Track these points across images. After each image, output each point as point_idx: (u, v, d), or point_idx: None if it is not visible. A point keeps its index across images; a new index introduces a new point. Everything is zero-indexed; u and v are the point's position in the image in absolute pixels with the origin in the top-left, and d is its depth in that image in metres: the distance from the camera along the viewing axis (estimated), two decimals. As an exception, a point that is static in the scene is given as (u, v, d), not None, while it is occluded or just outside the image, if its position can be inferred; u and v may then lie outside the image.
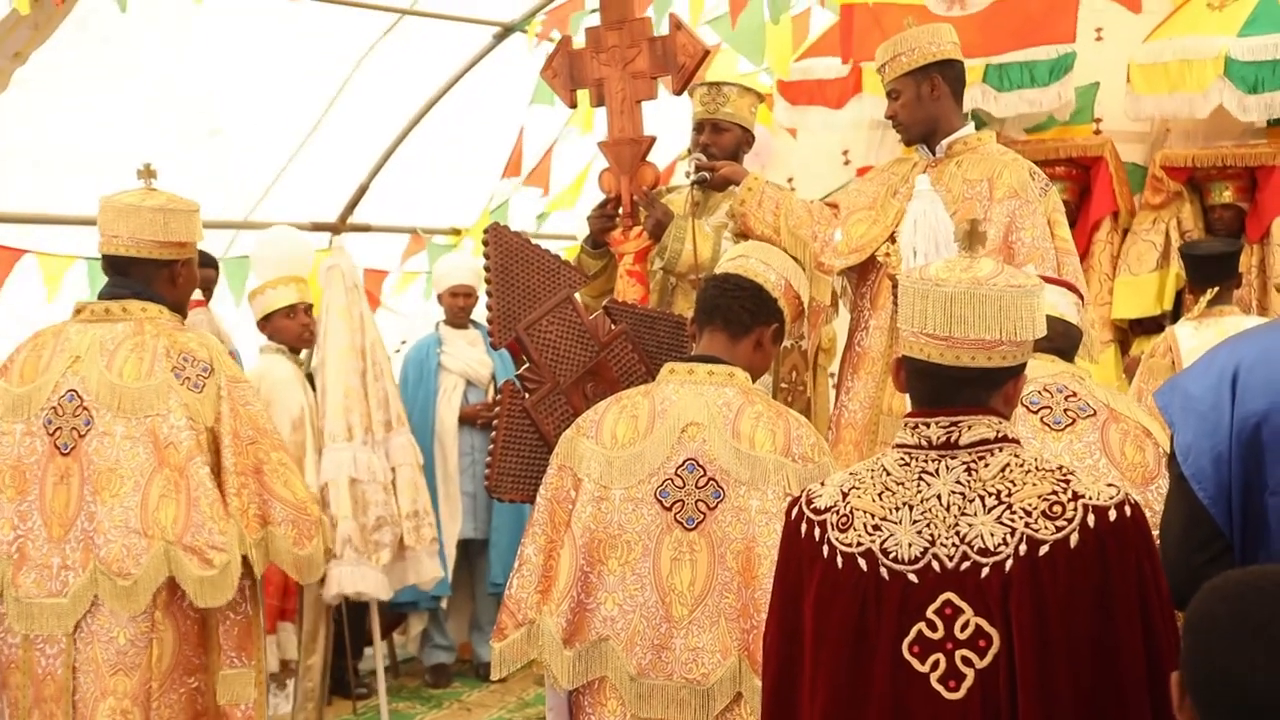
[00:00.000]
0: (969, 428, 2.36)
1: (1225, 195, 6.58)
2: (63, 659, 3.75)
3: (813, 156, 7.48)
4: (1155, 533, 2.69)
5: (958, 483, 2.35)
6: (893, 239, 4.47)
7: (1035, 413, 3.31)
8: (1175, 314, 6.47)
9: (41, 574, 3.76)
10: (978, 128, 4.77)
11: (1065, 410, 3.30)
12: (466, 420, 6.90)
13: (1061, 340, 3.55)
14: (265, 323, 5.99)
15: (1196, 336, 5.33)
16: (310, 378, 6.06)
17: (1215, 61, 6.10)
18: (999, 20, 6.63)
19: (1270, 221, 6.27)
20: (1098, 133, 7.04)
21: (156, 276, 3.96)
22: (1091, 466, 3.20)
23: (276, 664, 5.63)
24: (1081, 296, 3.80)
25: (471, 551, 7.14)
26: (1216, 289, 5.61)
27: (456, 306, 7.01)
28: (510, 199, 8.03)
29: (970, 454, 2.36)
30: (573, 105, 4.77)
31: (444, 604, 7.14)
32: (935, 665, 2.30)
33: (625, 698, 3.28)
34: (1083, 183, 6.91)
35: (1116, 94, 6.89)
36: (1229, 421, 2.58)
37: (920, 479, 2.38)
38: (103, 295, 3.97)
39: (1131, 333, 6.80)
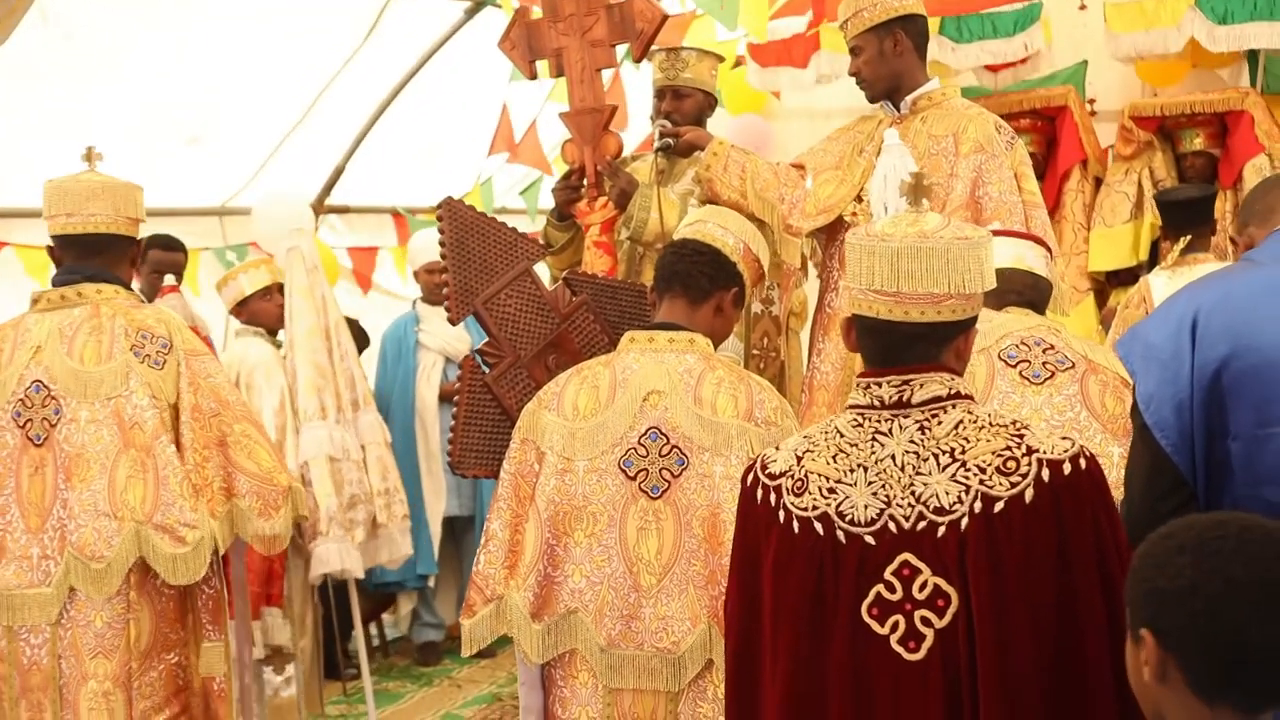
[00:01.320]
0: (921, 385, 2.33)
1: (1196, 143, 6.55)
2: (48, 648, 3.73)
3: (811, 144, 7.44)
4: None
5: (911, 442, 2.32)
6: (859, 198, 4.42)
7: (1014, 366, 3.28)
8: (1152, 264, 6.44)
9: (21, 565, 3.74)
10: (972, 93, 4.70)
11: (1044, 363, 3.27)
12: (447, 398, 6.87)
13: (1031, 293, 3.53)
14: (241, 307, 5.96)
15: (1171, 285, 5.30)
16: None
17: None
18: None
19: (1242, 166, 6.24)
20: (1093, 114, 7.03)
21: (124, 255, 3.97)
22: (1073, 419, 3.18)
23: (263, 650, 5.61)
24: (1049, 250, 3.76)
25: (457, 529, 7.13)
26: (1190, 237, 5.58)
27: (433, 283, 6.96)
28: (494, 176, 7.98)
29: (923, 412, 2.33)
30: (532, 77, 4.70)
31: (432, 582, 7.13)
32: (895, 627, 2.28)
33: (596, 669, 3.25)
34: (1049, 134, 6.88)
35: (1106, 71, 6.86)
36: (1189, 369, 2.57)
37: (874, 439, 2.35)
38: (56, 282, 3.92)
39: (1109, 284, 6.78)
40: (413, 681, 6.79)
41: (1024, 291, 3.47)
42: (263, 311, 5.95)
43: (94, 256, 3.90)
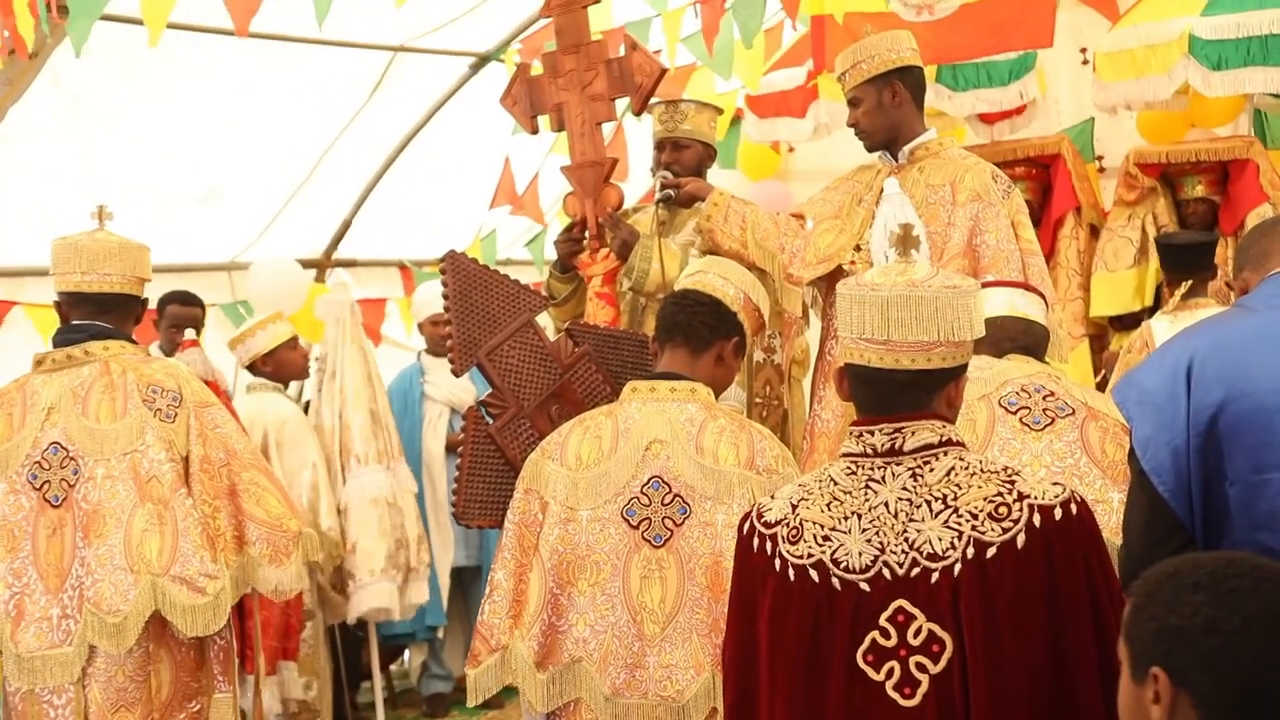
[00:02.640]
0: (913, 433, 2.36)
1: (1197, 190, 6.56)
2: (72, 707, 3.73)
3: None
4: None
5: (904, 489, 2.34)
6: (858, 247, 4.46)
7: (1014, 413, 3.29)
8: (1155, 309, 6.45)
9: (41, 627, 3.73)
10: None
11: (1044, 410, 3.28)
12: (454, 449, 6.88)
13: (1026, 338, 3.54)
14: (268, 359, 6.00)
15: (1172, 330, 5.27)
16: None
17: (1179, 42, 6.05)
18: (969, 25, 6.58)
19: (1245, 215, 6.25)
20: (1101, 170, 7.09)
21: (130, 314, 4.01)
22: (1073, 466, 3.19)
23: (278, 705, 5.62)
24: (1044, 297, 3.78)
25: (465, 579, 7.12)
26: (1191, 282, 5.59)
27: (438, 335, 6.98)
28: (498, 228, 8.04)
29: (915, 459, 2.35)
30: (534, 131, 4.76)
31: (440, 633, 7.13)
32: (890, 673, 2.29)
33: (601, 718, 3.26)
34: (1044, 181, 6.92)
35: (1114, 127, 6.92)
36: (1185, 414, 2.57)
37: (867, 487, 2.37)
38: (58, 342, 3.94)
39: (1112, 328, 6.78)
40: (422, 733, 6.80)
41: (1018, 338, 3.49)
42: (290, 362, 6.04)
43: (104, 314, 3.93)
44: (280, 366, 6.01)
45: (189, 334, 5.77)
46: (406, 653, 7.46)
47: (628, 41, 4.54)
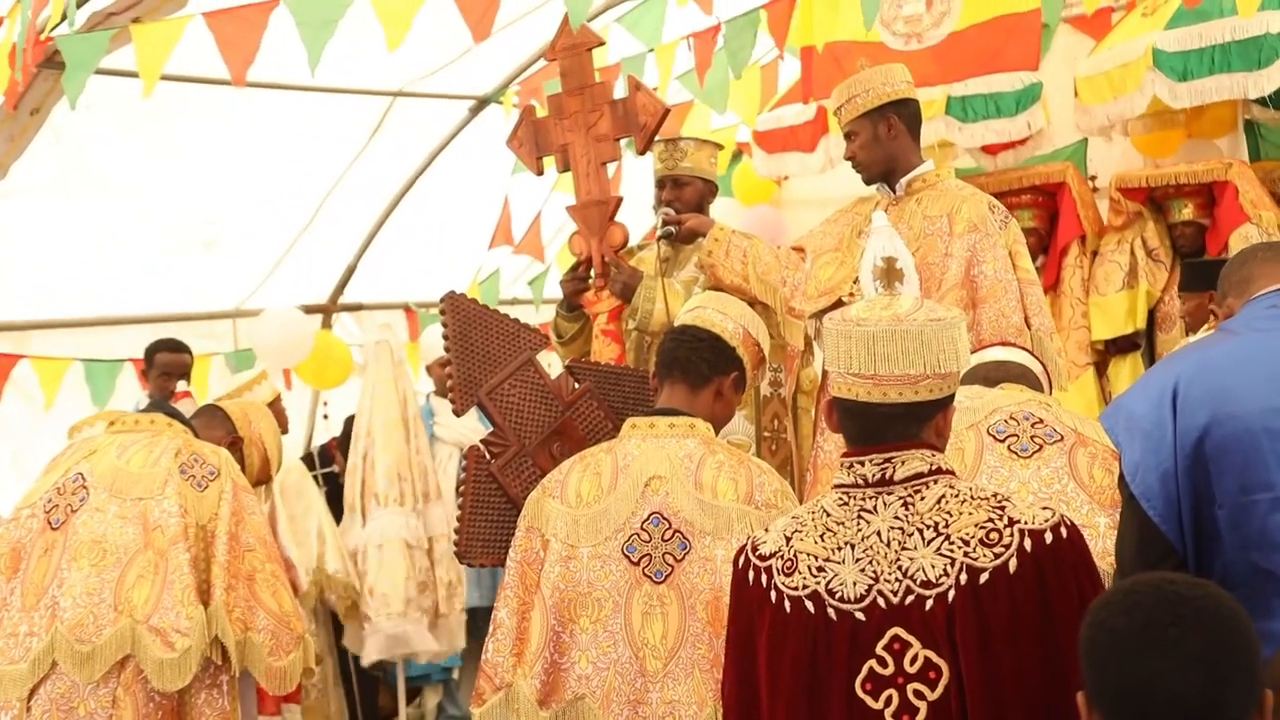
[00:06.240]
0: (903, 463, 2.39)
1: (1185, 213, 6.61)
2: None
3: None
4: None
5: (896, 518, 2.37)
6: (858, 280, 4.48)
7: (1002, 441, 3.31)
8: (1150, 332, 6.53)
9: (8, 643, 3.83)
10: None
11: (1032, 437, 3.29)
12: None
13: (996, 374, 3.55)
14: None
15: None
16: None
17: (1145, 57, 6.09)
18: (957, 51, 6.67)
19: (1227, 236, 6.28)
20: (1095, 190, 7.13)
21: (219, 432, 4.42)
22: (1059, 492, 3.19)
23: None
24: (1030, 350, 3.81)
25: (479, 619, 7.11)
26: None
27: (444, 377, 7.00)
28: (500, 268, 8.09)
29: (906, 488, 2.38)
30: (539, 173, 4.80)
31: (455, 674, 7.13)
32: (889, 701, 2.31)
33: (605, 755, 3.27)
34: (1050, 209, 6.96)
35: (1106, 147, 6.99)
36: (1172, 438, 2.61)
37: (859, 517, 2.40)
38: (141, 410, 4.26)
39: (1108, 352, 6.80)
40: (437, 774, 6.80)
41: (990, 375, 3.51)
42: (281, 415, 6.08)
43: (200, 420, 4.35)
44: (276, 416, 6.06)
45: (181, 386, 5.84)
46: (421, 694, 7.46)
47: (631, 82, 4.58)
